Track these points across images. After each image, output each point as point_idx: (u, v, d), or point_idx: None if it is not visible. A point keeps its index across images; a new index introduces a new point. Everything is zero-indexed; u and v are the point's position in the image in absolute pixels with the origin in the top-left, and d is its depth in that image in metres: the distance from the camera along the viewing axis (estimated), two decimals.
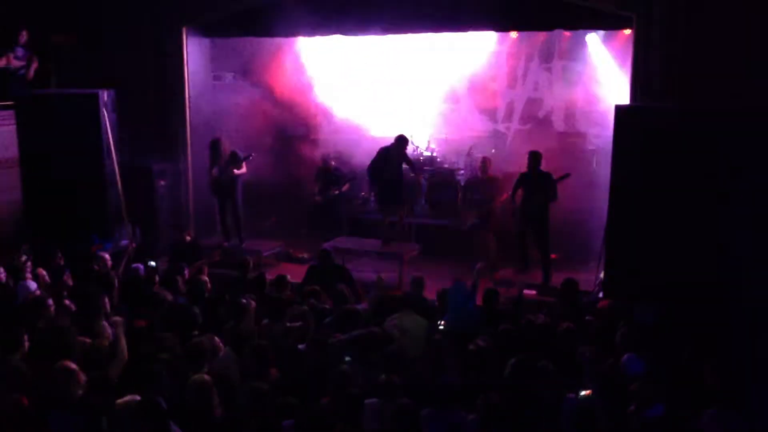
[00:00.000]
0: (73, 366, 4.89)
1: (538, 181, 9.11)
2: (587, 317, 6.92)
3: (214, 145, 10.45)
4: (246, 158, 10.32)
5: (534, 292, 8.77)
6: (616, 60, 10.51)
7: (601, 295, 7.91)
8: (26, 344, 5.55)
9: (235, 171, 10.34)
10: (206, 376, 4.97)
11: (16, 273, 7.58)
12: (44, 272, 7.81)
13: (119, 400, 4.75)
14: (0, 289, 7.29)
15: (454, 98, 11.90)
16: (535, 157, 9.18)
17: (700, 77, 8.12)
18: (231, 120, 11.60)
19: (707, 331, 6.32)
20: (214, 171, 10.41)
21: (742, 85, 7.78)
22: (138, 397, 4.70)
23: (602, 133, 10.03)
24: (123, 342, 5.67)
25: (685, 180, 7.18)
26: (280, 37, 11.29)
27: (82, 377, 4.84)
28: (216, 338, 6.06)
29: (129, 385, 5.08)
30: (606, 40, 10.77)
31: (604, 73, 10.81)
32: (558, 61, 11.64)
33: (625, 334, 6.01)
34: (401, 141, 9.91)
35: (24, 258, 7.85)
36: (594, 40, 10.83)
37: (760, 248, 6.68)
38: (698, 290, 6.90)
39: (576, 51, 11.24)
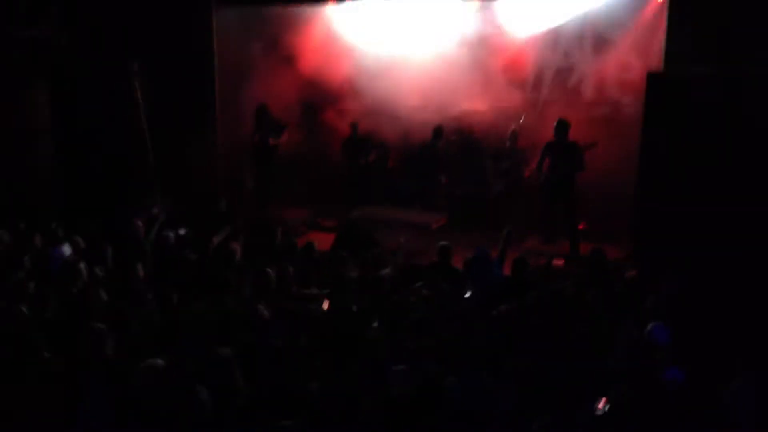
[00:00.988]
0: (101, 326, 5.00)
1: (564, 151, 9.01)
2: (615, 287, 6.89)
3: (259, 112, 10.63)
4: (283, 128, 10.37)
5: (562, 261, 8.74)
6: (650, 26, 10.25)
7: (629, 265, 7.86)
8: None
9: (272, 141, 10.46)
10: (228, 350, 4.99)
11: (50, 238, 7.75)
12: (79, 239, 7.98)
13: (143, 363, 4.83)
14: (35, 253, 7.48)
15: (481, 68, 11.74)
16: (562, 125, 9.06)
17: (737, 42, 7.92)
18: (259, 90, 11.62)
19: (736, 304, 6.25)
20: (256, 137, 10.43)
21: None
22: (161, 361, 4.77)
23: (634, 102, 9.85)
24: None
25: (720, 152, 7.06)
26: (308, 4, 11.22)
27: (110, 338, 4.95)
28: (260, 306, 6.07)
29: (159, 350, 5.19)
30: (641, 5, 10.50)
31: (637, 39, 10.55)
32: (589, 28, 11.40)
33: (653, 304, 5.99)
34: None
35: (55, 225, 8.02)
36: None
37: None
38: (728, 263, 6.82)
39: (608, 17, 10.97)
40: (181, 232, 8.60)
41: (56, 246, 7.57)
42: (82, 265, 6.65)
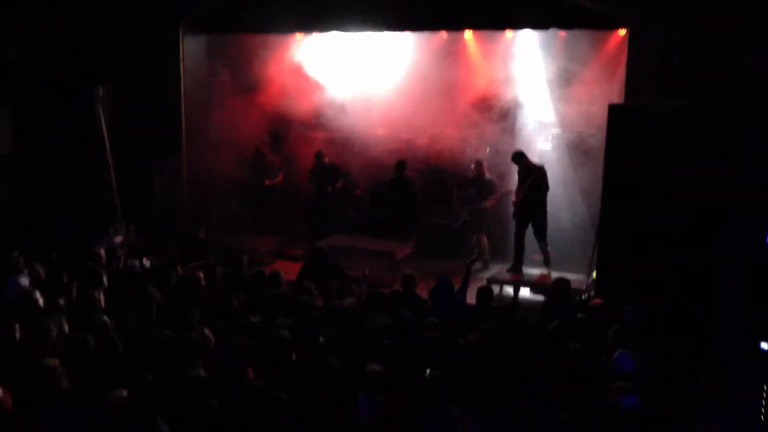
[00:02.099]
0: (54, 363, 4.90)
1: (529, 176, 9.15)
2: (579, 315, 6.94)
3: (256, 154, 11.45)
4: (280, 169, 11.37)
5: (527, 290, 8.81)
6: (611, 60, 10.51)
7: (592, 293, 7.94)
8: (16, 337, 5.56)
9: (267, 182, 11.25)
10: (202, 371, 4.96)
11: (8, 267, 7.58)
12: (39, 267, 7.81)
13: (108, 395, 4.74)
14: None
15: (450, 97, 11.87)
16: (516, 155, 9.42)
17: (695, 77, 8.17)
18: (226, 116, 11.60)
19: (697, 332, 6.34)
20: (253, 179, 11.38)
21: (737, 83, 7.81)
22: (125, 392, 4.69)
23: (597, 133, 10.04)
24: None
25: (677, 180, 7.21)
26: (276, 34, 11.29)
27: (63, 374, 4.85)
28: (206, 331, 6.02)
29: (120, 380, 5.08)
30: (601, 40, 10.76)
31: (599, 72, 10.81)
32: (553, 61, 11.65)
33: (617, 333, 6.04)
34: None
35: (16, 253, 7.85)
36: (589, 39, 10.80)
37: (753, 247, 6.72)
38: (689, 291, 6.93)
39: (571, 51, 11.22)
40: (145, 261, 8.45)
41: (14, 275, 7.41)
42: (38, 295, 6.49)
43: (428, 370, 5.16)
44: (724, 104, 7.44)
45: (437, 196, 11.02)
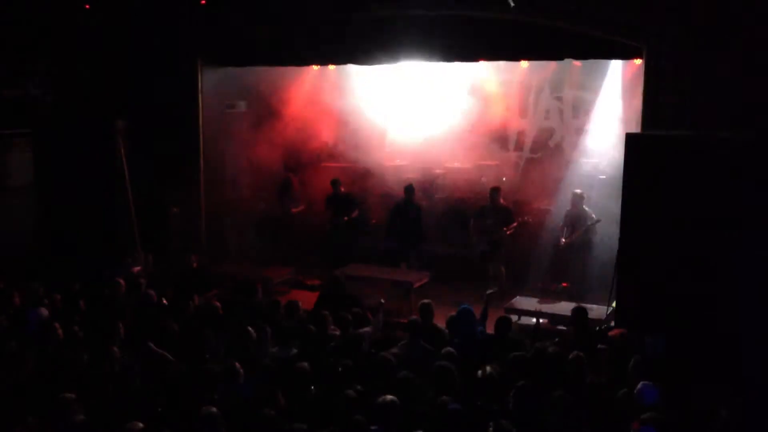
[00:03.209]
0: (71, 397, 4.91)
1: (496, 214, 9.86)
2: (599, 346, 6.86)
3: (284, 185, 11.52)
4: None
5: (546, 320, 8.72)
6: (628, 89, 10.53)
7: (612, 324, 7.85)
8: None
9: (293, 209, 11.37)
10: (214, 409, 4.91)
11: (28, 299, 7.65)
12: (59, 298, 7.87)
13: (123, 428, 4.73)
14: (13, 314, 7.36)
15: (466, 127, 11.92)
16: (493, 190, 10.05)
17: (711, 106, 8.16)
18: (243, 147, 11.72)
19: (718, 364, 6.24)
20: (280, 208, 11.48)
21: (752, 113, 7.79)
22: (140, 425, 4.68)
23: (614, 162, 10.03)
24: None
25: (695, 209, 7.16)
26: (292, 66, 11.42)
27: (79, 407, 4.87)
28: (236, 364, 5.98)
29: (136, 412, 5.08)
30: (618, 69, 10.79)
31: (615, 101, 10.83)
32: (569, 90, 11.70)
33: (638, 364, 5.96)
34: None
35: (37, 284, 7.93)
36: (611, 68, 10.84)
37: None
38: (711, 322, 6.83)
39: (587, 80, 11.27)
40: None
41: (35, 307, 7.47)
42: (56, 326, 6.54)
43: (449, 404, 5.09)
44: (740, 133, 7.42)
45: (456, 225, 10.96)
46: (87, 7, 10.44)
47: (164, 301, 7.90)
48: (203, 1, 10.18)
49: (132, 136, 10.07)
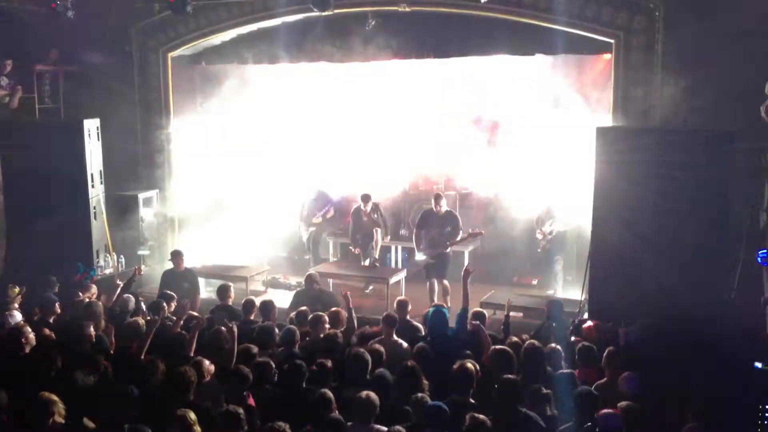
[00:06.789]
0: (48, 396, 4.86)
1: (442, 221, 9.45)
2: (573, 338, 6.92)
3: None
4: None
5: (521, 314, 8.78)
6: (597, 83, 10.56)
7: (585, 316, 7.93)
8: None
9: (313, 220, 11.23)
10: (191, 413, 4.85)
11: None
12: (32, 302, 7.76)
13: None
14: None
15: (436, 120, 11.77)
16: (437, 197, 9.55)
17: (681, 100, 8.27)
18: (215, 146, 11.62)
19: (687, 355, 6.32)
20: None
21: (721, 107, 7.90)
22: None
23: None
24: None
25: (665, 199, 7.26)
26: (264, 64, 11.33)
27: (59, 407, 4.81)
28: (206, 362, 5.94)
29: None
30: (586, 64, 10.81)
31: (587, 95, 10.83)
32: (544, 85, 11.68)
33: (612, 355, 6.02)
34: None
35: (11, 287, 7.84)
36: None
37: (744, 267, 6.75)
38: (681, 314, 6.92)
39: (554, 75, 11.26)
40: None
41: (7, 311, 7.36)
42: (28, 330, 6.44)
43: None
44: (709, 125, 7.54)
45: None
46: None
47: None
48: None
49: (101, 137, 9.95)
